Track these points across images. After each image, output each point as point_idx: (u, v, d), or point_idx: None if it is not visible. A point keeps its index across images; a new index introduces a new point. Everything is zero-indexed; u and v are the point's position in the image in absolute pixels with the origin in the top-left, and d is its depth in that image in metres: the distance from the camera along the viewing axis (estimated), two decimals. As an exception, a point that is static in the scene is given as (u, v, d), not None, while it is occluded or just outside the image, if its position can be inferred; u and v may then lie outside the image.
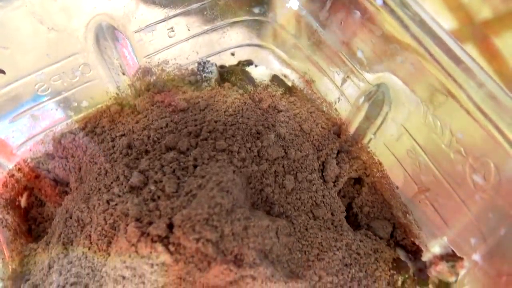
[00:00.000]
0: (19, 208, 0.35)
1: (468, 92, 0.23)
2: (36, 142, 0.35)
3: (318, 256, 0.29)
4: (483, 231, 0.25)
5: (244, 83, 0.37)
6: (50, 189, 0.36)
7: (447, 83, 0.24)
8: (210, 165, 0.29)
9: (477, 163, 0.24)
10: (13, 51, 0.28)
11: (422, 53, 0.25)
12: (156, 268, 0.25)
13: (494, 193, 0.24)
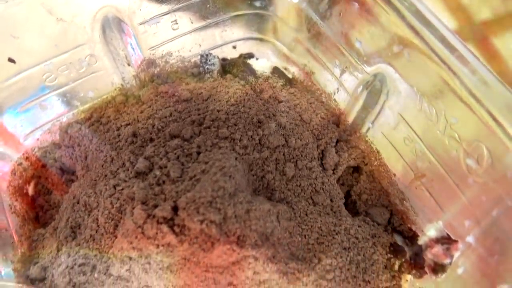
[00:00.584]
0: (27, 195, 0.36)
1: (461, 78, 0.24)
2: (43, 132, 0.36)
3: (318, 240, 0.30)
4: (477, 213, 0.26)
5: (245, 75, 0.38)
6: (56, 177, 0.37)
7: (441, 70, 0.25)
8: (213, 152, 0.30)
9: (471, 147, 0.25)
10: (23, 41, 0.29)
11: (418, 42, 0.26)
12: (162, 248, 0.26)
13: (487, 177, 0.25)
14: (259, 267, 0.27)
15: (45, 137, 0.37)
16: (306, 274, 0.28)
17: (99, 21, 0.31)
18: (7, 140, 0.35)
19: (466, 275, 0.27)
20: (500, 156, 0.24)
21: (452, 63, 0.24)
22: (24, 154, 0.36)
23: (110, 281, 0.28)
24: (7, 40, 0.28)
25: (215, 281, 0.27)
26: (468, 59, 0.24)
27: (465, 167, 0.26)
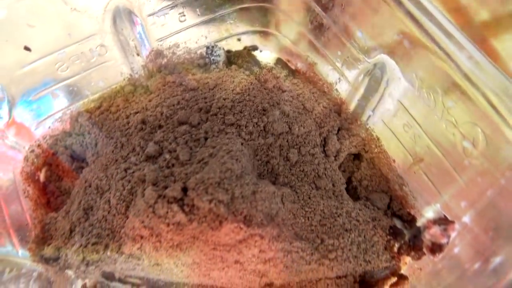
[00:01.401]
0: (38, 182, 0.37)
1: (457, 63, 0.25)
2: (54, 120, 0.37)
3: (320, 221, 0.32)
4: (473, 195, 0.28)
5: (250, 65, 0.39)
6: (67, 164, 0.38)
7: (438, 56, 0.26)
8: (220, 137, 0.32)
9: (467, 130, 0.27)
10: (38, 29, 0.30)
11: (416, 30, 0.27)
12: (172, 227, 0.27)
13: (482, 158, 0.26)
14: (264, 245, 0.28)
15: (56, 126, 0.38)
16: (310, 253, 0.29)
17: (110, 11, 0.33)
18: (20, 129, 0.37)
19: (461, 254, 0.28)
20: (494, 138, 0.25)
21: (448, 49, 0.25)
22: (36, 142, 0.37)
23: (122, 259, 0.29)
24: (23, 28, 0.29)
25: (222, 259, 0.28)
26: (464, 44, 0.25)
27: (461, 149, 0.27)
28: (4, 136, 0.35)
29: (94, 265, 0.29)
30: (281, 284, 0.31)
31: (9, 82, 0.33)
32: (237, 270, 0.29)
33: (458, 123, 0.27)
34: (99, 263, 0.29)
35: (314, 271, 0.30)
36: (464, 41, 0.25)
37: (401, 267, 0.33)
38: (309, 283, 0.31)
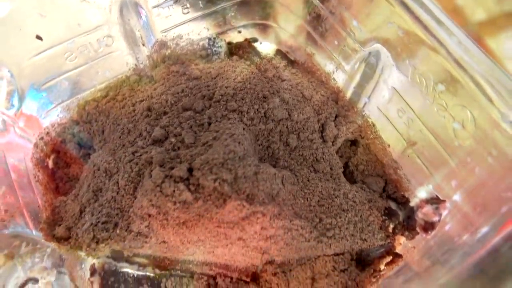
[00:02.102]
0: (47, 168, 0.39)
1: (448, 49, 0.27)
2: (62, 109, 0.39)
3: (319, 202, 0.33)
4: (462, 174, 0.29)
5: (250, 56, 0.41)
6: (74, 152, 0.40)
7: (430, 41, 0.28)
8: (222, 122, 0.33)
9: (457, 113, 0.28)
10: (50, 19, 0.31)
11: (409, 18, 0.29)
12: (178, 205, 0.29)
13: (471, 139, 0.28)
14: (266, 222, 0.30)
15: (64, 114, 0.39)
16: (309, 231, 0.31)
17: (117, 3, 0.34)
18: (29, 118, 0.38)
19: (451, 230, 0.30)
20: (482, 119, 0.27)
21: (439, 36, 0.27)
22: (45, 129, 0.39)
23: (130, 237, 0.30)
24: (35, 18, 0.31)
25: (226, 236, 0.30)
26: (454, 31, 0.27)
27: (452, 131, 0.29)
28: (15, 124, 0.36)
29: (104, 243, 0.30)
30: (281, 261, 0.32)
31: (20, 71, 0.34)
32: (240, 246, 0.30)
33: (448, 106, 0.29)
34: (109, 241, 0.30)
35: (313, 249, 0.31)
36: (453, 28, 0.27)
37: (395, 247, 0.35)
38: (308, 260, 0.33)
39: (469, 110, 0.27)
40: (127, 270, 0.35)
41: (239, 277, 0.34)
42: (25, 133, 0.38)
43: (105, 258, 0.35)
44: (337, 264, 0.32)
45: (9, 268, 0.23)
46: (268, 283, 0.33)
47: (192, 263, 0.33)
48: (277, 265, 0.33)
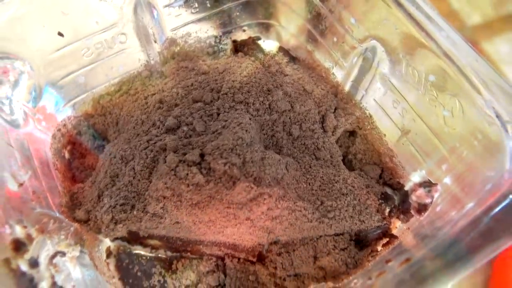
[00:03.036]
0: (64, 158, 0.41)
1: (437, 42, 0.29)
2: (78, 102, 0.41)
3: (320, 186, 0.36)
4: (452, 158, 0.32)
5: (255, 53, 0.43)
6: (89, 143, 0.42)
7: (422, 37, 0.30)
8: (230, 113, 0.36)
9: (446, 101, 0.31)
10: (71, 17, 0.34)
11: (402, 15, 0.31)
12: (191, 187, 0.31)
13: (459, 125, 0.30)
14: (272, 204, 0.32)
15: (80, 107, 0.42)
16: (311, 212, 0.34)
17: (132, 2, 0.37)
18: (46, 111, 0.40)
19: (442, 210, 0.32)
20: (469, 106, 0.29)
21: (429, 30, 0.30)
22: (62, 122, 0.41)
23: (146, 217, 0.33)
24: (58, 16, 0.33)
25: (235, 216, 0.32)
26: (442, 26, 0.29)
27: (442, 119, 0.32)
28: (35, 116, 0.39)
29: (122, 223, 0.33)
30: (285, 241, 0.35)
31: (41, 65, 0.36)
32: (247, 226, 0.33)
33: (438, 96, 0.31)
34: (126, 222, 0.33)
35: (315, 229, 0.34)
36: (443, 23, 0.29)
37: (391, 229, 0.38)
38: (311, 240, 0.35)
39: (457, 99, 0.30)
40: (140, 252, 0.38)
41: (246, 258, 0.36)
42: (43, 125, 0.40)
43: (120, 242, 0.38)
44: (337, 244, 0.35)
45: (40, 241, 0.25)
46: (273, 262, 0.36)
47: (202, 244, 0.35)
48: (282, 245, 0.35)
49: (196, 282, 0.37)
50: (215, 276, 0.37)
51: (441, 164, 0.33)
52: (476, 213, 0.24)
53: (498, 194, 0.24)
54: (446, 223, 0.28)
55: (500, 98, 0.27)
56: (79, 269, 0.29)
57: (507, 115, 0.26)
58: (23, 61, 0.35)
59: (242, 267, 0.37)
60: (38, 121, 0.39)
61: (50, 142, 0.40)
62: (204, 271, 0.37)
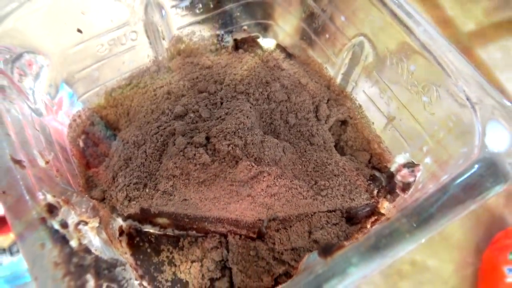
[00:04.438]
0: (79, 146, 0.45)
1: (416, 36, 0.33)
2: (92, 95, 0.45)
3: (314, 168, 0.39)
4: (431, 140, 0.36)
5: (254, 49, 0.47)
6: (101, 133, 0.46)
7: (402, 32, 0.34)
8: (233, 102, 0.40)
9: (425, 88, 0.35)
10: (89, 16, 0.38)
11: (386, 12, 0.35)
12: (198, 167, 0.35)
13: (436, 108, 0.34)
14: (271, 181, 0.36)
15: (94, 99, 0.45)
16: (306, 190, 0.37)
17: (143, 2, 0.40)
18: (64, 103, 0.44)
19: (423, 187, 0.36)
20: (444, 92, 0.33)
21: (409, 25, 0.34)
22: (77, 113, 0.45)
23: (157, 195, 0.36)
24: (78, 15, 0.37)
25: (237, 193, 0.36)
26: (421, 22, 0.33)
27: (422, 105, 0.35)
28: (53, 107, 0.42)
29: (135, 200, 0.36)
30: (283, 217, 0.38)
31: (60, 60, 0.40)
32: (249, 202, 0.36)
33: (418, 83, 0.35)
34: (139, 199, 0.36)
35: (310, 205, 0.38)
36: (420, 19, 0.33)
37: (379, 208, 0.41)
38: (306, 216, 0.39)
39: (434, 86, 0.34)
40: (150, 231, 0.41)
41: (247, 234, 0.40)
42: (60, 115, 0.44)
43: (131, 221, 0.41)
44: (330, 219, 0.38)
45: (66, 210, 0.29)
46: (272, 238, 0.39)
47: (207, 221, 0.39)
48: (280, 221, 0.39)
49: (201, 257, 0.40)
50: (219, 252, 0.40)
51: (423, 146, 0.37)
52: (446, 181, 0.27)
53: (466, 165, 0.28)
54: (422, 194, 0.31)
55: (470, 83, 0.31)
56: (98, 239, 0.32)
57: (476, 98, 0.30)
58: (44, 55, 0.38)
59: (243, 243, 0.40)
60: (56, 111, 0.42)
61: (67, 131, 0.43)
62: (208, 248, 0.40)
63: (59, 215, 0.27)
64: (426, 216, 0.26)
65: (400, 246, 0.25)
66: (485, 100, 0.30)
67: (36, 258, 0.24)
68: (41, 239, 0.24)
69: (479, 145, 0.29)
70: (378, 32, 0.37)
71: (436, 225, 0.26)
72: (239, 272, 0.38)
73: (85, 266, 0.25)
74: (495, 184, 0.27)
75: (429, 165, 0.36)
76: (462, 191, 0.27)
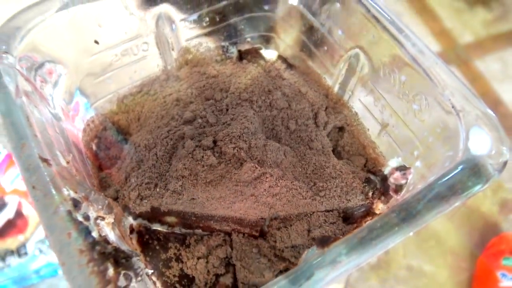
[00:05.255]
0: (92, 150, 0.48)
1: (406, 49, 0.36)
2: (105, 101, 0.48)
3: (313, 171, 0.42)
4: (422, 145, 0.39)
5: (257, 60, 0.50)
6: (113, 137, 0.49)
7: (394, 45, 0.37)
8: (237, 108, 0.42)
9: (415, 97, 0.38)
10: (105, 28, 0.41)
11: (379, 28, 0.38)
12: (206, 168, 0.38)
13: (426, 116, 0.37)
14: (273, 182, 0.39)
15: (106, 105, 0.48)
16: (305, 191, 0.40)
17: (155, 16, 0.44)
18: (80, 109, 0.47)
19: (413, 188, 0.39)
20: (432, 100, 0.36)
21: (401, 40, 0.37)
22: (91, 118, 0.48)
23: (167, 194, 0.39)
24: (95, 27, 0.40)
25: (242, 193, 0.39)
26: (410, 36, 0.36)
27: (413, 112, 0.38)
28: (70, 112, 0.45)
29: (146, 199, 0.39)
30: (284, 216, 0.41)
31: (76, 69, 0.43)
32: (252, 202, 0.39)
33: (409, 93, 0.38)
34: (150, 198, 0.39)
35: (309, 205, 0.40)
36: (410, 34, 0.36)
37: (374, 209, 0.44)
38: (305, 216, 0.41)
39: (423, 95, 0.37)
40: (158, 229, 0.44)
41: (250, 233, 0.43)
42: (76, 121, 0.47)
43: (141, 220, 0.44)
44: (327, 218, 0.41)
45: (86, 206, 0.31)
46: (273, 236, 0.42)
47: (213, 219, 0.42)
48: (281, 220, 0.41)
49: (207, 254, 0.43)
50: (223, 249, 0.43)
51: (414, 151, 0.40)
52: (432, 181, 0.30)
53: (451, 166, 0.31)
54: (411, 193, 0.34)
55: (455, 93, 0.34)
56: (113, 233, 0.35)
57: (460, 106, 0.33)
58: (63, 65, 0.42)
59: (246, 241, 0.43)
60: (73, 117, 0.45)
61: (82, 135, 0.46)
62: (213, 245, 0.43)
63: (81, 209, 0.30)
64: (413, 211, 0.29)
65: (389, 238, 0.28)
66: (468, 108, 0.33)
67: (63, 246, 0.27)
68: (68, 229, 0.27)
69: (463, 149, 0.32)
70: (372, 45, 0.41)
71: (422, 220, 0.29)
72: (242, 268, 0.40)
73: (106, 254, 0.28)
74: (477, 183, 0.30)
75: (419, 168, 0.39)
76: (447, 189, 0.30)
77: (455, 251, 0.87)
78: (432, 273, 0.85)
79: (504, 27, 1.05)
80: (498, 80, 0.98)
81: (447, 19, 1.05)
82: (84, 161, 0.43)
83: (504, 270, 0.79)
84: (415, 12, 1.08)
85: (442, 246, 0.88)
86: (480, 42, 1.11)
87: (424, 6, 1.09)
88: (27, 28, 0.36)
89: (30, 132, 0.31)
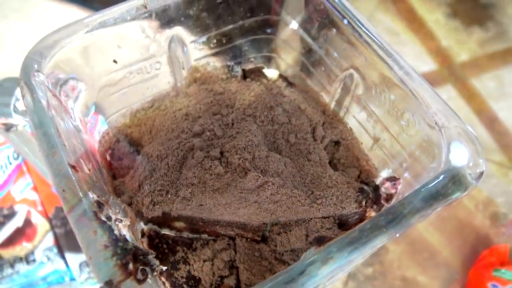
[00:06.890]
0: (106, 160, 0.51)
1: (395, 72, 0.41)
2: (119, 115, 0.52)
3: (311, 181, 0.46)
4: (409, 157, 0.43)
5: (260, 79, 0.54)
6: (126, 148, 0.52)
7: (384, 67, 0.42)
8: (242, 123, 0.46)
9: (403, 114, 0.42)
10: (123, 49, 0.45)
11: (371, 51, 0.43)
12: (213, 176, 0.42)
13: (411, 131, 0.41)
14: (274, 190, 0.42)
15: (120, 119, 0.52)
16: (304, 199, 0.44)
17: (168, 38, 0.48)
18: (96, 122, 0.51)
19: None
20: (418, 117, 0.40)
21: (389, 63, 0.41)
22: (106, 131, 0.52)
23: (178, 200, 0.43)
24: (114, 48, 0.45)
25: (246, 199, 0.42)
26: (399, 60, 0.41)
27: (401, 127, 0.42)
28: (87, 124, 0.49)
29: (159, 205, 0.43)
30: (284, 222, 0.45)
31: (94, 85, 0.47)
32: (255, 208, 0.43)
33: (398, 110, 0.42)
34: (162, 204, 0.43)
35: (307, 212, 0.44)
36: (398, 58, 0.41)
37: (367, 217, 0.47)
38: (303, 222, 0.45)
39: (410, 112, 0.41)
40: (167, 233, 0.47)
41: (253, 237, 0.46)
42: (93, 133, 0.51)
43: (151, 225, 0.47)
44: (324, 224, 0.45)
45: (106, 209, 0.35)
46: (274, 241, 0.45)
47: (219, 224, 0.45)
48: (281, 225, 0.45)
49: (212, 257, 0.46)
50: (228, 253, 0.46)
51: (403, 163, 0.44)
52: (417, 188, 0.34)
53: (434, 176, 0.35)
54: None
55: (437, 110, 0.38)
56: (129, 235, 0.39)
57: (442, 123, 0.37)
58: (84, 81, 0.46)
59: (249, 245, 0.46)
60: (90, 129, 0.49)
61: (97, 146, 0.50)
62: (218, 249, 0.46)
63: (104, 211, 0.33)
64: (400, 215, 0.33)
65: (377, 238, 0.31)
66: (449, 125, 0.37)
67: (90, 242, 0.30)
68: (94, 227, 0.31)
69: (445, 160, 0.36)
70: (364, 67, 0.45)
71: (407, 223, 0.32)
72: (245, 270, 0.44)
73: (128, 250, 0.31)
74: (457, 191, 0.34)
75: (407, 179, 0.43)
76: (430, 196, 0.33)
77: (448, 263, 0.90)
78: (426, 284, 0.88)
79: (499, 46, 1.07)
80: (494, 98, 1.01)
81: (443, 38, 1.07)
82: (100, 169, 0.47)
83: (495, 281, 0.82)
84: (412, 31, 1.11)
85: (436, 258, 0.91)
86: (476, 61, 1.15)
87: (421, 26, 1.12)
88: (57, 48, 0.40)
89: (60, 141, 0.34)
